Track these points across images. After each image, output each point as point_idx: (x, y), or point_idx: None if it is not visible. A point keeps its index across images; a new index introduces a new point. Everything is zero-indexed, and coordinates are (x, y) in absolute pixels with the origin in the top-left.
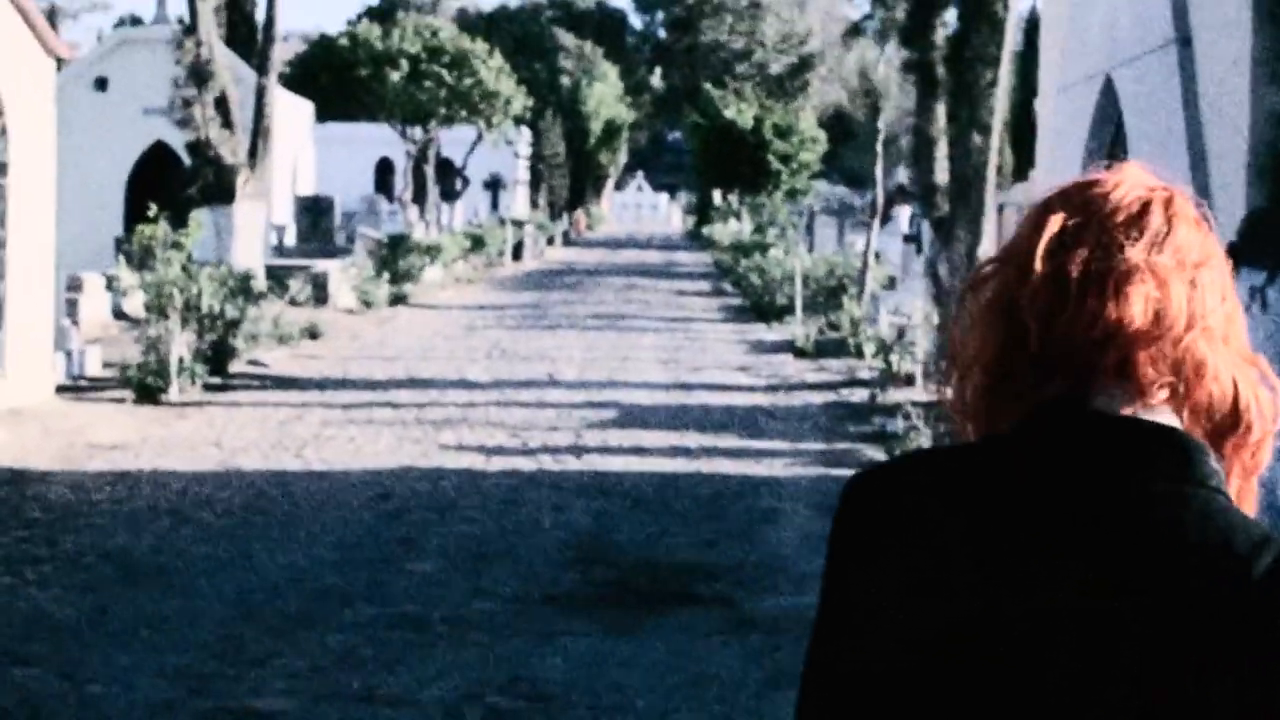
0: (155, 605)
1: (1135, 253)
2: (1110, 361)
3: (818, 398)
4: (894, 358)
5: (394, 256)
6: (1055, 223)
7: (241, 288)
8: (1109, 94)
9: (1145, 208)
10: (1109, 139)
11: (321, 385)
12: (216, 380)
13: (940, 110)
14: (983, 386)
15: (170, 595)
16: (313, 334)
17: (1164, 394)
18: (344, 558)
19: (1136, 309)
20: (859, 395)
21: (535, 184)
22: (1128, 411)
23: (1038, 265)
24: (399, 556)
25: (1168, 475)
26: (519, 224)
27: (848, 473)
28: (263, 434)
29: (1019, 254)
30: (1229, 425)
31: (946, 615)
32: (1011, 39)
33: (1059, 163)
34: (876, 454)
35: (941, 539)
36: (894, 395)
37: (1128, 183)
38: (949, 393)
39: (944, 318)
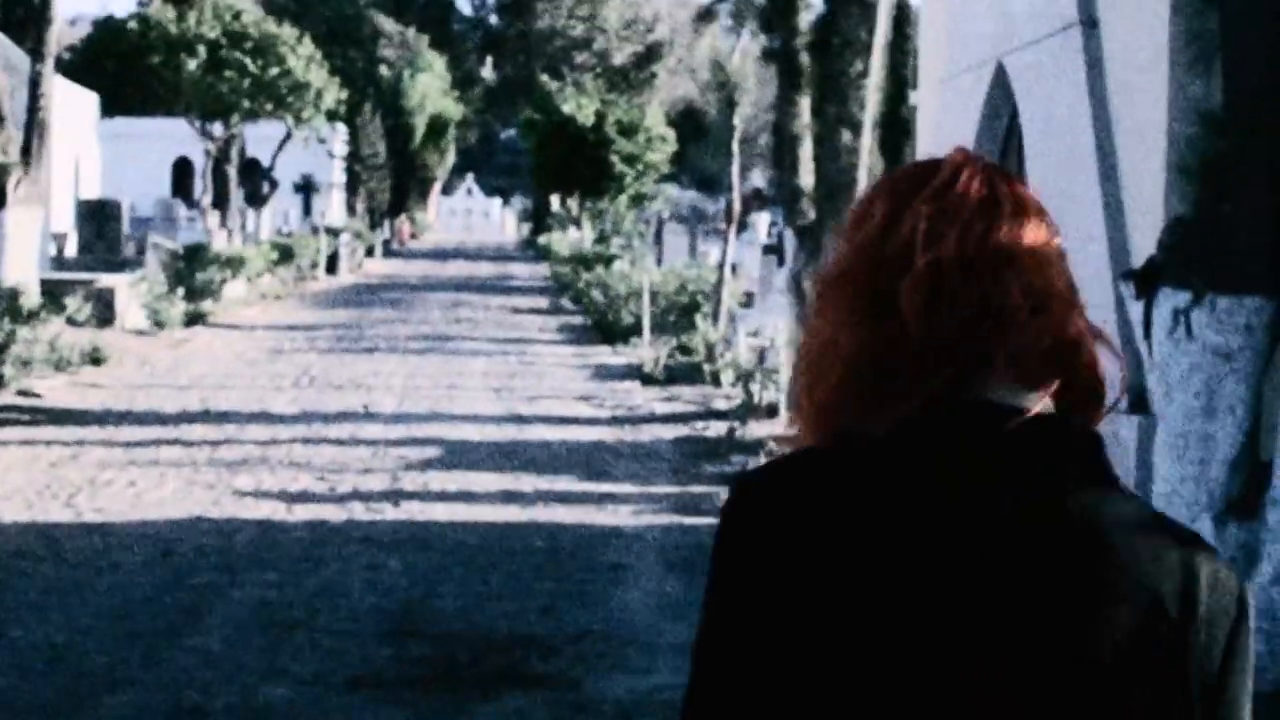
0: None
1: (1001, 236)
2: (997, 352)
3: (669, 432)
4: (754, 386)
5: (191, 269)
6: (924, 213)
7: (9, 306)
8: (1001, 83)
9: (993, 191)
10: (1002, 134)
11: (102, 419)
12: None
13: (804, 104)
14: (844, 387)
15: None
16: (95, 359)
17: (1052, 379)
18: (114, 630)
19: (1016, 292)
20: (715, 429)
21: (352, 187)
22: (1020, 401)
23: (919, 257)
24: (179, 628)
25: (1087, 479)
26: (334, 232)
27: (703, 521)
28: (29, 478)
29: (889, 246)
30: (1086, 399)
31: (871, 626)
32: (885, 24)
33: None
34: None
35: (854, 545)
36: (755, 429)
37: (964, 165)
38: (798, 398)
39: None
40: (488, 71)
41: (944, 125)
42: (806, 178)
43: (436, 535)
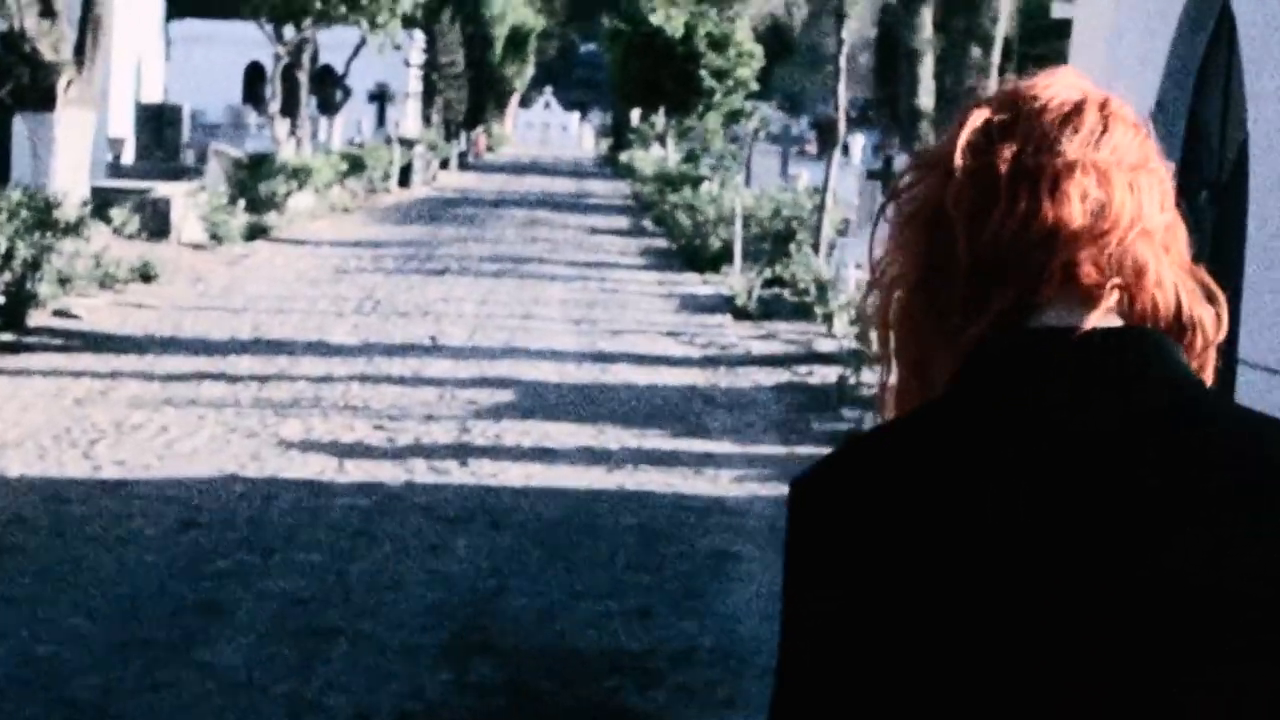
0: None
1: (1071, 148)
2: (1052, 267)
3: (768, 377)
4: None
5: (254, 179)
6: (979, 117)
7: (40, 219)
8: None
9: (1079, 106)
10: (1201, 48)
11: (142, 347)
12: (9, 337)
13: (927, 16)
14: (909, 307)
15: None
16: (145, 275)
17: (1114, 298)
18: (112, 637)
19: (1075, 207)
20: (821, 375)
21: (429, 98)
22: (1087, 323)
23: (958, 162)
24: (191, 635)
25: (1174, 384)
26: (408, 144)
27: None
28: (49, 418)
29: (943, 156)
30: (1175, 334)
31: (989, 599)
32: None
33: (1132, 84)
34: None
35: (951, 518)
36: (869, 377)
37: (1061, 83)
38: (869, 315)
39: None
40: None
41: (1123, 33)
42: (926, 98)
43: (510, 506)
